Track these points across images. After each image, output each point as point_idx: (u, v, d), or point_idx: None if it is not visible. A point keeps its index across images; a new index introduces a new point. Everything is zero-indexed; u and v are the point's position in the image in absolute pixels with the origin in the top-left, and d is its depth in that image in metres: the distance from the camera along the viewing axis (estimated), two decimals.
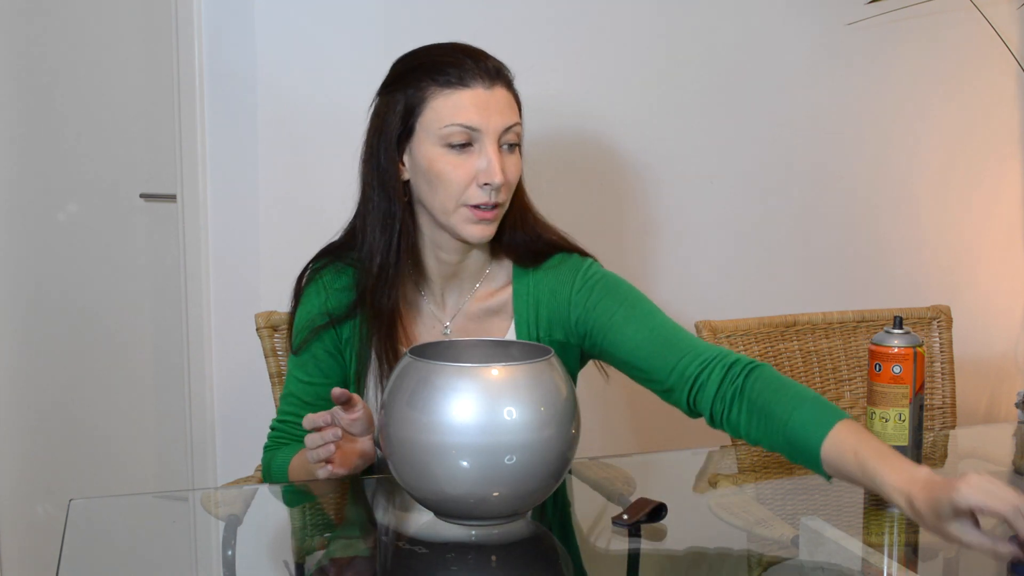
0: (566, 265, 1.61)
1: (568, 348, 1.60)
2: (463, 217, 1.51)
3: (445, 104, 1.49)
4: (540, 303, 1.60)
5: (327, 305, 1.59)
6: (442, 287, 1.61)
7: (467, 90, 1.49)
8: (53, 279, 2.66)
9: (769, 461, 1.72)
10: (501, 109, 1.50)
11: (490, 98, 1.49)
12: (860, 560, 1.31)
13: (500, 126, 1.49)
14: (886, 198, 2.71)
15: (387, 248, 1.54)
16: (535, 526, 1.39)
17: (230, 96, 2.23)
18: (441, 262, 1.59)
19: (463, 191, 1.49)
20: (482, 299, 1.62)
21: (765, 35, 2.56)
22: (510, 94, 1.53)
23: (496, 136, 1.49)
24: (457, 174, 1.49)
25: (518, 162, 1.54)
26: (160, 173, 2.44)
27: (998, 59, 2.71)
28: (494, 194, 1.49)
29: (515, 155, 1.53)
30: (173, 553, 1.41)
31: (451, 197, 1.50)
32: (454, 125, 1.48)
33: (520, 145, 1.56)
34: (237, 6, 2.21)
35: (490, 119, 1.48)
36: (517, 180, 1.55)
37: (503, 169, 1.49)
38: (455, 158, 1.49)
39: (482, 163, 1.49)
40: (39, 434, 2.70)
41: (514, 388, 1.28)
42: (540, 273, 1.60)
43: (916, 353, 1.56)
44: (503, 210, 1.54)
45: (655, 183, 2.51)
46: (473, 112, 1.48)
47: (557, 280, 1.60)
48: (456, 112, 1.48)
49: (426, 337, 1.60)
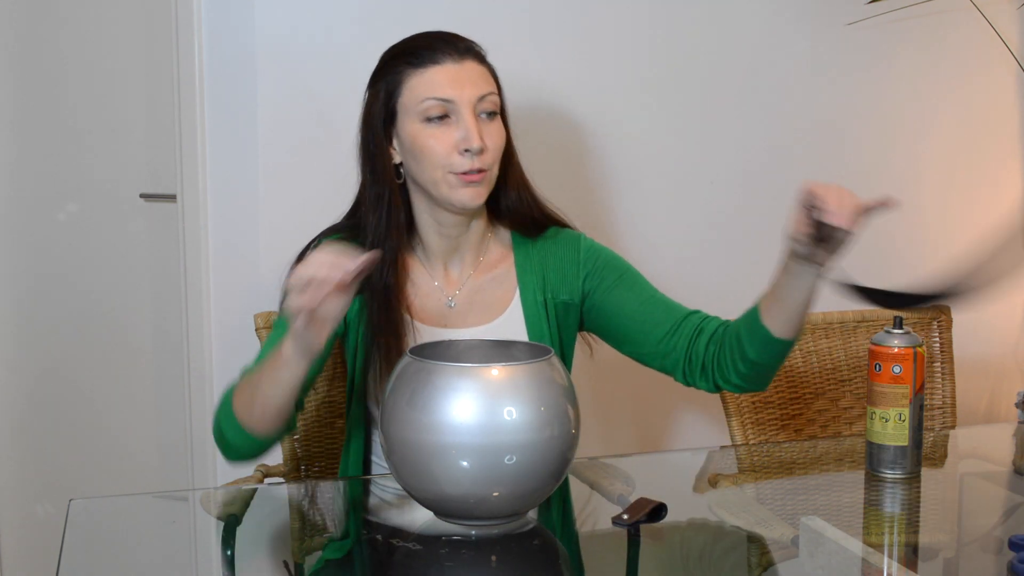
0: (564, 235, 1.72)
1: (571, 308, 1.69)
2: (451, 184, 1.57)
3: (419, 82, 1.57)
4: (547, 267, 1.68)
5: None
6: (445, 261, 1.67)
7: (437, 66, 1.57)
8: (53, 279, 2.66)
9: (769, 461, 1.72)
10: (473, 80, 1.57)
11: (460, 71, 1.57)
12: (860, 560, 1.31)
13: (474, 95, 1.57)
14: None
15: (383, 228, 1.61)
16: (535, 526, 1.39)
17: (230, 96, 2.23)
18: (443, 236, 1.65)
19: (446, 160, 1.56)
20: (485, 270, 1.68)
21: (765, 35, 2.55)
22: (483, 67, 1.61)
23: (471, 105, 1.56)
24: (439, 145, 1.56)
25: (499, 129, 1.61)
26: (160, 173, 2.44)
27: (998, 59, 2.71)
28: (476, 160, 1.56)
29: (495, 122, 1.60)
30: (173, 553, 1.41)
31: (437, 167, 1.57)
32: (429, 99, 1.56)
33: (503, 114, 1.63)
34: (237, 6, 2.21)
35: (463, 90, 1.56)
36: (501, 146, 1.61)
37: (481, 135, 1.56)
38: (435, 130, 1.57)
39: (461, 132, 1.56)
40: (39, 434, 2.70)
41: (514, 388, 1.28)
42: (541, 242, 1.70)
43: (916, 353, 1.56)
44: (492, 175, 1.60)
45: (655, 184, 2.50)
46: (446, 85, 1.56)
47: (560, 246, 1.70)
48: (430, 87, 1.56)
49: (431, 312, 1.65)
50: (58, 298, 2.65)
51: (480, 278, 1.67)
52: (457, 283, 1.67)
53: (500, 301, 1.66)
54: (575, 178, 2.44)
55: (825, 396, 2.06)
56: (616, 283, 1.68)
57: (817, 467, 1.77)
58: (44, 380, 2.69)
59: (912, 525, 1.47)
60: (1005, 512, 1.57)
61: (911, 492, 1.54)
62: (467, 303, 1.65)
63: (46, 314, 2.67)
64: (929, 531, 1.44)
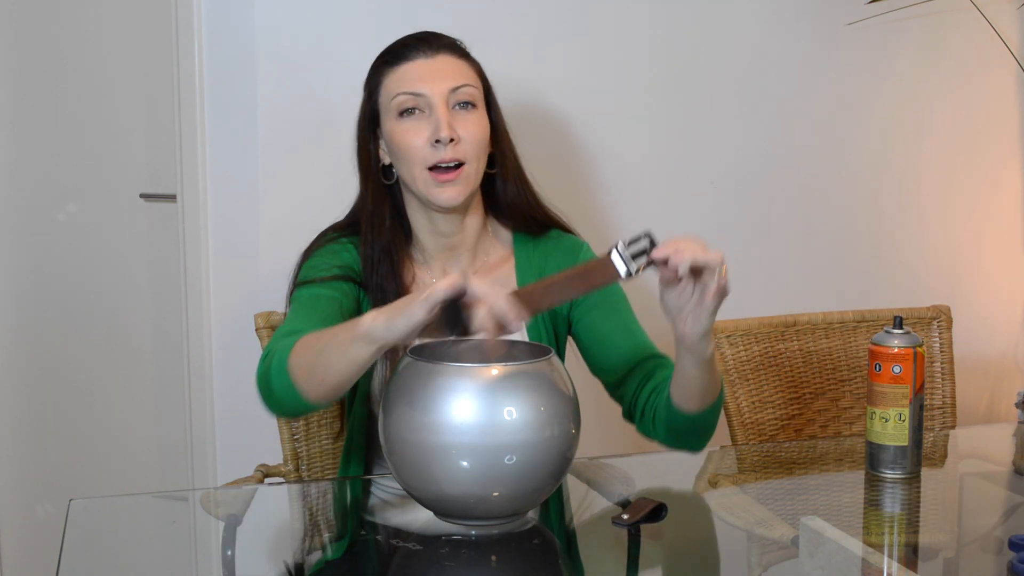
0: (567, 241, 1.71)
1: (559, 317, 1.68)
2: (427, 182, 1.57)
3: (392, 79, 1.60)
4: (545, 271, 1.66)
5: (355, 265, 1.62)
6: (444, 263, 1.65)
7: (408, 63, 1.59)
8: (53, 279, 2.66)
9: (769, 461, 1.72)
10: (446, 73, 1.58)
11: (431, 64, 1.58)
12: (860, 560, 1.31)
13: (445, 88, 1.57)
14: (886, 198, 2.71)
15: (375, 229, 1.61)
16: (535, 526, 1.39)
17: (230, 96, 2.23)
18: (436, 235, 1.64)
19: (421, 154, 1.56)
20: (486, 272, 1.66)
21: (765, 35, 2.56)
22: (460, 60, 1.61)
23: (443, 97, 1.56)
24: (414, 139, 1.57)
25: (477, 120, 1.59)
26: (160, 173, 2.44)
27: (998, 59, 2.71)
28: (448, 150, 1.55)
29: (473, 114, 1.59)
30: (173, 553, 1.41)
31: (414, 162, 1.57)
32: (400, 94, 1.58)
33: (490, 107, 1.63)
34: (237, 6, 2.21)
35: (434, 83, 1.57)
36: (479, 137, 1.59)
37: (451, 125, 1.55)
38: (409, 124, 1.57)
39: (433, 124, 1.56)
40: (39, 434, 2.70)
41: (514, 388, 1.28)
42: (543, 243, 1.69)
43: (916, 353, 1.55)
44: (470, 171, 1.58)
45: (655, 184, 2.51)
46: (416, 80, 1.57)
47: (560, 251, 1.69)
48: (401, 82, 1.58)
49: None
50: (58, 298, 2.65)
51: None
52: None
53: None
54: (574, 179, 2.44)
55: (825, 396, 2.06)
56: (597, 303, 1.65)
57: (817, 467, 1.77)
58: (44, 380, 2.69)
59: (912, 525, 1.47)
60: (1005, 512, 1.57)
61: (911, 492, 1.54)
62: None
63: (46, 314, 2.67)
64: (929, 531, 1.44)
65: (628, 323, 1.65)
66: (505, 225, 1.70)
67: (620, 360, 1.61)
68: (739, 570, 1.35)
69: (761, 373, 2.00)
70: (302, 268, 1.63)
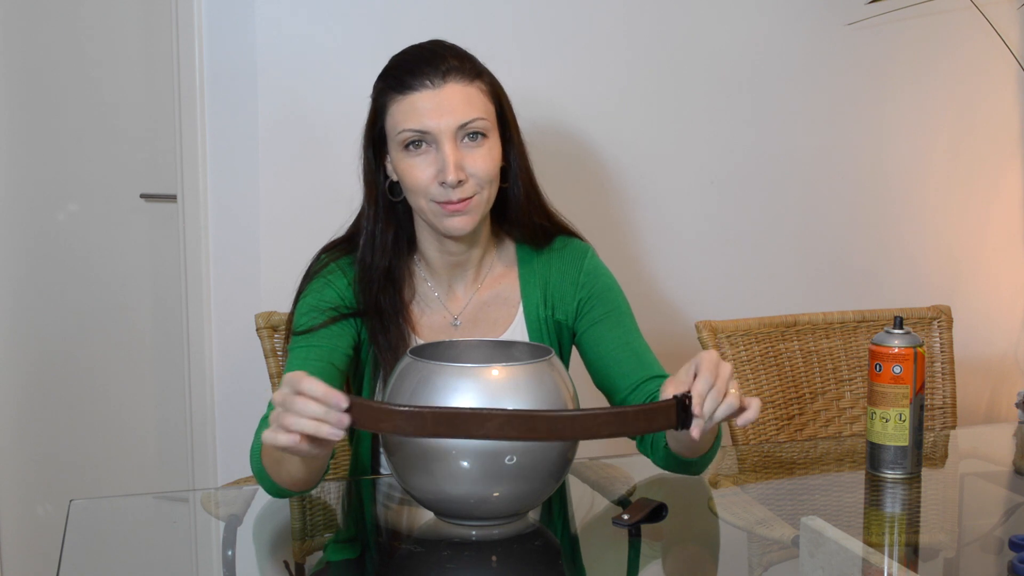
0: (570, 249, 1.66)
1: (564, 328, 1.65)
2: (435, 213, 1.52)
3: (398, 110, 1.51)
4: (548, 284, 1.64)
5: (345, 296, 1.58)
6: (449, 278, 1.63)
7: (414, 93, 1.50)
8: (53, 279, 2.66)
9: (769, 461, 1.72)
10: (453, 107, 1.49)
11: (438, 97, 1.49)
12: (860, 560, 1.31)
13: (453, 124, 1.49)
14: (886, 198, 2.71)
15: (376, 246, 1.57)
16: (535, 526, 1.39)
17: (230, 96, 2.23)
18: (444, 253, 1.60)
19: (426, 189, 1.51)
20: (489, 286, 1.64)
21: (765, 35, 2.56)
22: (467, 86, 1.51)
23: (451, 133, 1.49)
24: (419, 175, 1.51)
25: (487, 153, 1.52)
26: (160, 173, 2.44)
27: (998, 59, 2.71)
28: (454, 192, 1.49)
29: (482, 146, 1.52)
30: (173, 554, 1.41)
31: (419, 195, 1.52)
32: (405, 131, 1.50)
33: (504, 127, 1.56)
34: (237, 6, 2.21)
35: (440, 119, 1.49)
36: (489, 169, 1.52)
37: (459, 165, 1.49)
38: (415, 159, 1.51)
39: (439, 163, 1.49)
40: (39, 434, 2.70)
41: (514, 388, 1.28)
42: (546, 254, 1.65)
43: (916, 353, 1.55)
44: (481, 199, 1.53)
45: (656, 184, 2.51)
46: (423, 115, 1.49)
47: (564, 262, 1.65)
48: (406, 117, 1.50)
49: (435, 331, 1.61)
50: (58, 298, 2.65)
51: (484, 294, 1.63)
52: (462, 300, 1.63)
53: (504, 317, 1.63)
54: (574, 179, 2.44)
55: (825, 396, 2.06)
56: (602, 318, 1.62)
57: (817, 467, 1.77)
58: (44, 380, 2.69)
59: (912, 525, 1.47)
60: (1005, 512, 1.57)
61: (911, 492, 1.54)
62: (471, 321, 1.62)
63: (46, 314, 2.67)
64: (929, 531, 1.44)
65: (631, 340, 1.62)
66: (510, 235, 1.66)
67: (622, 379, 1.59)
68: (739, 570, 1.35)
69: (761, 373, 2.00)
70: (297, 309, 1.59)
